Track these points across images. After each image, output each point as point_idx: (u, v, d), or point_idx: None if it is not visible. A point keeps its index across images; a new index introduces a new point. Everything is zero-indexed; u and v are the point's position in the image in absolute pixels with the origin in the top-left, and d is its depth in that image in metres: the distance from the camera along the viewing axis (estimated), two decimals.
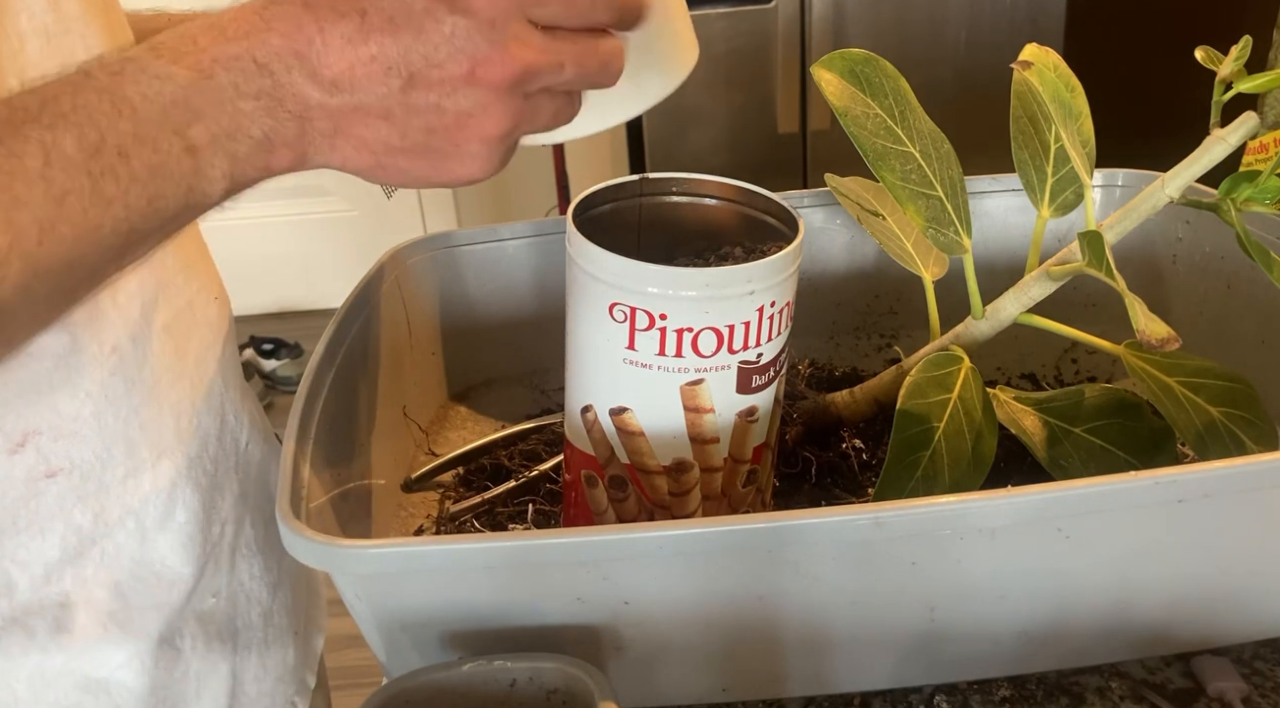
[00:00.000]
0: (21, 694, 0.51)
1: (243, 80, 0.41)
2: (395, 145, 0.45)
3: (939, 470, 0.56)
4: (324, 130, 0.43)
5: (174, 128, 0.40)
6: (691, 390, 0.54)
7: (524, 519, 0.67)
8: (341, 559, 0.48)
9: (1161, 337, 0.50)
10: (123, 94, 0.39)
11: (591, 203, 0.57)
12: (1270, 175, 0.55)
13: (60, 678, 0.52)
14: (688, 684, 0.57)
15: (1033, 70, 0.59)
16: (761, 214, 0.59)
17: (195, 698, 0.58)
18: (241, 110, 0.41)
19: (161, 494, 0.55)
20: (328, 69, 0.42)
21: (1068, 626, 0.56)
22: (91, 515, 0.52)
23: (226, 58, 0.41)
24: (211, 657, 0.59)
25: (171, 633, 0.56)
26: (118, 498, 0.53)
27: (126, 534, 0.53)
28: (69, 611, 0.52)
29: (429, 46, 0.43)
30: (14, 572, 0.50)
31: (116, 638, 0.54)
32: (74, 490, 0.51)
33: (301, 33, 0.42)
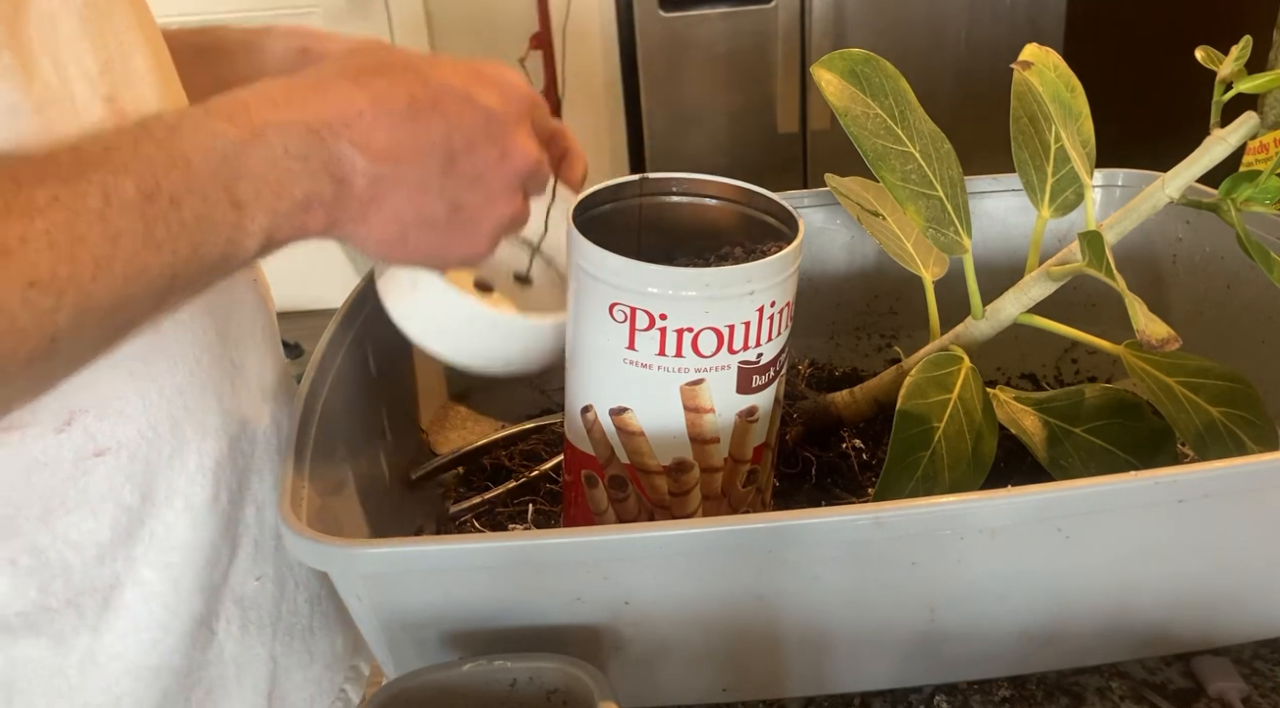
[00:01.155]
0: (74, 680, 0.52)
1: (292, 142, 0.44)
2: (425, 218, 0.49)
3: (939, 471, 0.56)
4: (361, 197, 0.46)
5: (223, 182, 0.42)
6: (691, 390, 0.54)
7: (524, 519, 0.67)
8: (341, 559, 0.48)
9: (1161, 337, 0.50)
10: (179, 148, 0.41)
11: (591, 203, 0.57)
12: (1270, 175, 0.55)
13: (111, 663, 0.53)
14: (688, 684, 0.57)
15: (1033, 70, 0.59)
16: (761, 214, 0.59)
17: (236, 683, 0.59)
18: (288, 170, 0.44)
19: (206, 474, 0.55)
20: (375, 141, 0.46)
21: (1068, 626, 0.56)
22: (140, 495, 0.53)
23: (278, 122, 0.44)
24: (248, 641, 0.59)
25: (209, 615, 0.57)
26: (164, 478, 0.54)
27: (175, 514, 0.54)
28: (119, 592, 0.53)
29: (467, 131, 0.48)
30: (68, 554, 0.51)
31: (164, 621, 0.54)
32: (121, 470, 0.52)
33: (352, 105, 0.46)
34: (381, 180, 0.47)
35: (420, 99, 0.47)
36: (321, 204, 0.45)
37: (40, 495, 0.50)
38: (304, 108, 0.45)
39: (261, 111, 0.44)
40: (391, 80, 0.47)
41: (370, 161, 0.46)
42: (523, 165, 0.51)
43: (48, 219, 0.38)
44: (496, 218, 0.51)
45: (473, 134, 0.48)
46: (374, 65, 0.48)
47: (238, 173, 0.43)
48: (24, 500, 0.49)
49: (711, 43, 2.29)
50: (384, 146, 0.46)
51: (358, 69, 0.47)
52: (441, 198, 0.49)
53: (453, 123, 0.48)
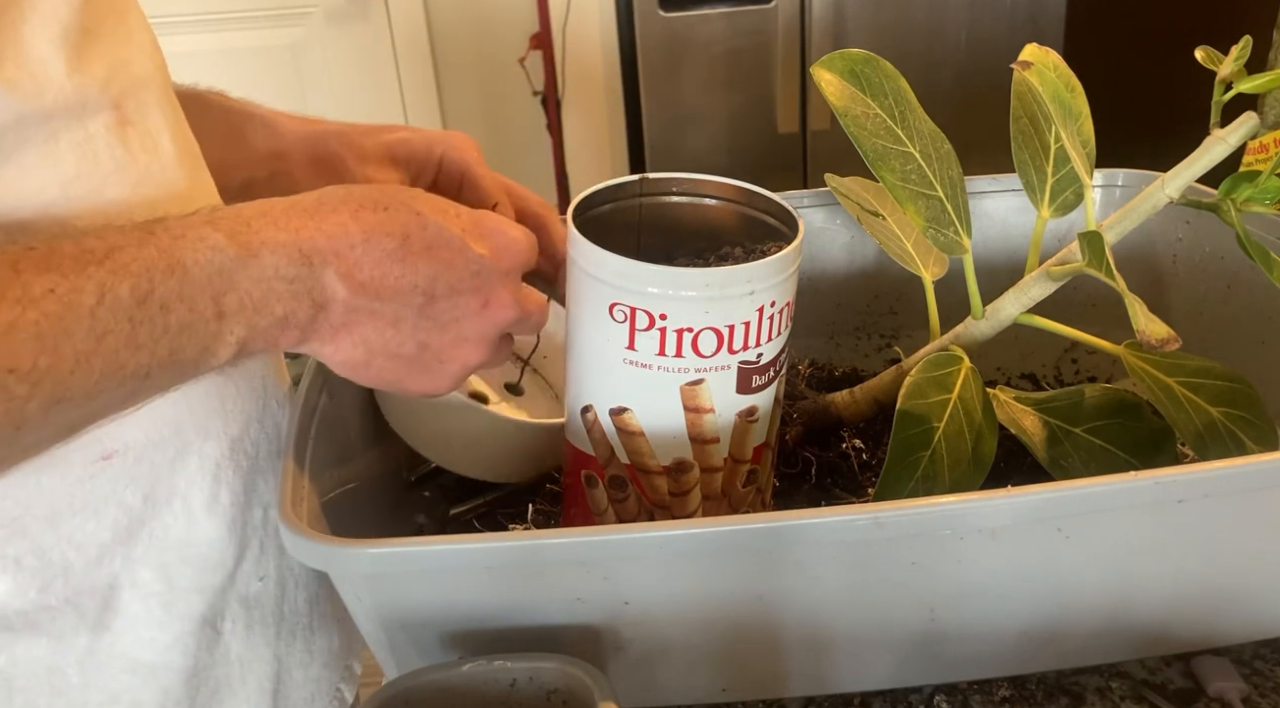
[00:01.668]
0: (73, 679, 0.52)
1: (284, 264, 0.46)
2: (391, 351, 0.50)
3: (939, 471, 0.56)
4: (335, 323, 0.48)
5: (212, 294, 0.44)
6: (691, 390, 0.54)
7: (524, 519, 0.67)
8: (341, 559, 0.48)
9: (1161, 337, 0.50)
10: (179, 256, 0.43)
11: (591, 203, 0.57)
12: (1270, 175, 0.55)
13: (110, 661, 0.53)
14: (688, 684, 0.57)
15: (1033, 70, 0.59)
16: (761, 214, 0.59)
17: (240, 683, 0.59)
18: (273, 290, 0.46)
19: (207, 476, 0.56)
20: (360, 273, 0.47)
21: (1068, 626, 0.56)
22: (141, 497, 0.53)
23: (274, 243, 0.46)
24: (253, 640, 0.60)
25: (214, 616, 0.57)
26: (166, 480, 0.54)
27: (174, 516, 0.54)
28: (117, 592, 0.53)
29: (455, 276, 0.50)
30: (70, 554, 0.51)
31: (161, 620, 0.55)
32: (126, 472, 0.52)
33: (346, 238, 0.47)
34: (358, 311, 0.48)
35: (414, 240, 0.49)
36: (297, 324, 0.47)
37: (48, 497, 0.50)
38: (300, 232, 0.46)
39: (261, 230, 0.46)
40: (390, 216, 0.48)
41: (351, 293, 0.48)
42: (502, 319, 0.52)
43: (40, 310, 0.39)
44: (463, 361, 0.52)
45: (458, 281, 0.50)
46: (377, 198, 0.49)
47: (228, 286, 0.44)
48: (32, 501, 0.50)
49: (711, 43, 2.29)
50: (367, 280, 0.48)
51: (360, 199, 0.49)
52: (413, 336, 0.50)
53: (440, 267, 0.49)
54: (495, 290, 0.51)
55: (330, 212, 0.48)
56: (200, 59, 2.55)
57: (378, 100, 2.69)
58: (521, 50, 2.63)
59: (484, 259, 0.50)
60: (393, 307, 0.49)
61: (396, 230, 0.48)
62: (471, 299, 0.51)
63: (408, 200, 0.50)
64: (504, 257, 0.51)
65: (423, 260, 0.49)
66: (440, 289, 0.49)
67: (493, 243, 0.51)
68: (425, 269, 0.49)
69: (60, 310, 0.39)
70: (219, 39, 2.58)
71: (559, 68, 2.64)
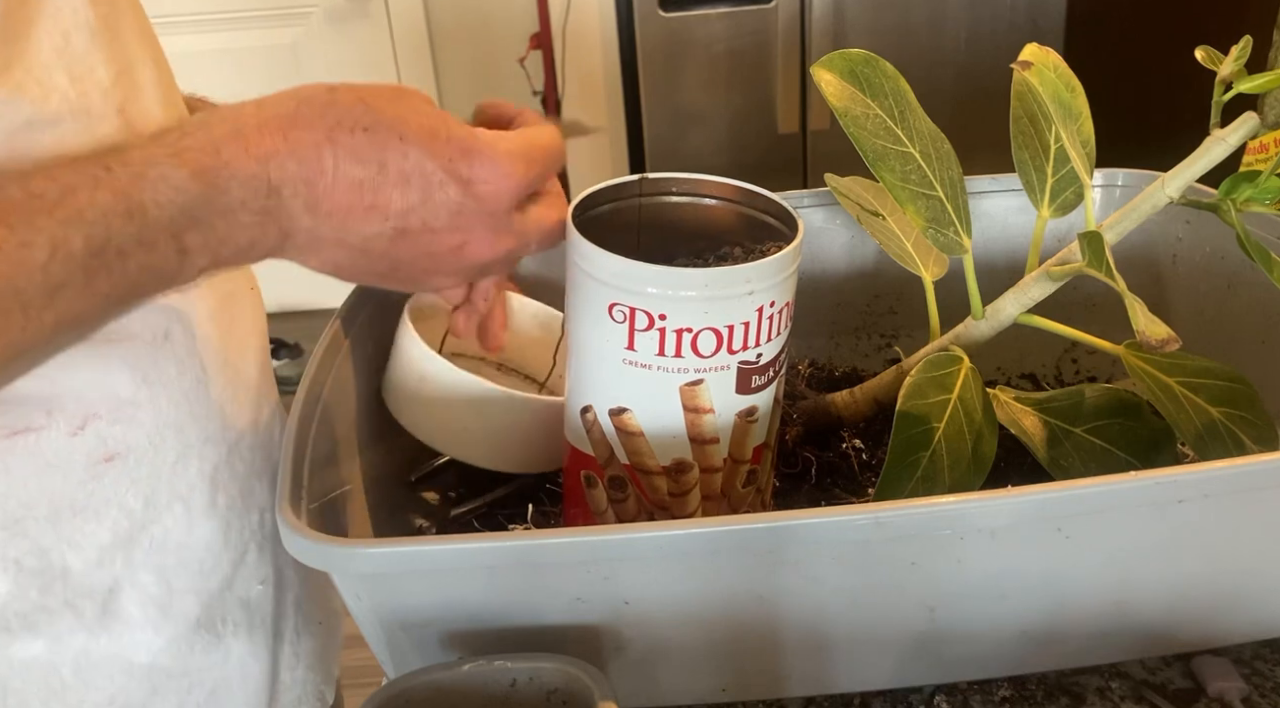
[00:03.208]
0: (68, 679, 0.52)
1: (250, 197, 0.43)
2: (360, 270, 0.49)
3: (939, 471, 0.56)
4: (301, 245, 0.46)
5: (173, 232, 0.41)
6: (691, 391, 0.54)
7: (524, 520, 0.67)
8: (341, 559, 0.48)
9: (1161, 337, 0.50)
10: (138, 199, 0.40)
11: (591, 203, 0.57)
12: (1270, 175, 0.55)
13: (105, 662, 0.53)
14: (688, 684, 0.57)
15: (1033, 70, 0.59)
16: (761, 214, 0.59)
17: (239, 685, 0.59)
18: (239, 221, 0.43)
19: (205, 480, 0.56)
20: (328, 202, 0.45)
21: (1068, 626, 0.56)
22: (143, 500, 0.53)
23: (244, 175, 0.43)
24: (254, 644, 0.60)
25: (212, 619, 0.57)
26: (167, 483, 0.54)
27: (174, 519, 0.54)
28: (115, 594, 0.53)
29: (429, 212, 0.47)
30: (70, 556, 0.51)
31: (157, 622, 0.55)
32: (128, 475, 0.52)
33: (319, 163, 0.44)
34: (324, 239, 0.46)
35: (390, 169, 0.45)
36: (263, 250, 0.46)
37: (50, 498, 0.50)
38: (271, 159, 0.44)
39: (231, 160, 0.43)
40: (369, 139, 0.45)
41: (315, 221, 0.45)
42: (480, 259, 0.50)
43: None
44: (442, 283, 0.51)
45: (432, 219, 0.47)
46: (359, 116, 0.46)
47: (191, 224, 0.42)
48: (34, 502, 0.50)
49: (711, 43, 2.29)
50: (334, 210, 0.45)
51: (340, 116, 0.45)
52: (381, 260, 0.48)
53: (415, 201, 0.46)
54: (475, 231, 0.48)
55: (305, 127, 0.44)
56: (200, 59, 2.56)
57: None
58: (521, 50, 2.63)
59: (465, 199, 0.47)
60: (361, 236, 0.46)
61: (372, 157, 0.45)
62: (447, 237, 0.48)
63: (393, 120, 0.46)
64: (491, 197, 0.48)
65: (396, 192, 0.46)
66: (413, 224, 0.47)
67: (482, 177, 0.47)
68: (398, 202, 0.46)
69: (9, 270, 0.37)
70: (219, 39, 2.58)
71: (559, 68, 2.65)
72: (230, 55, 2.58)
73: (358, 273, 0.49)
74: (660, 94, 2.34)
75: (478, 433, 0.65)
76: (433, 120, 0.47)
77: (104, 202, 0.40)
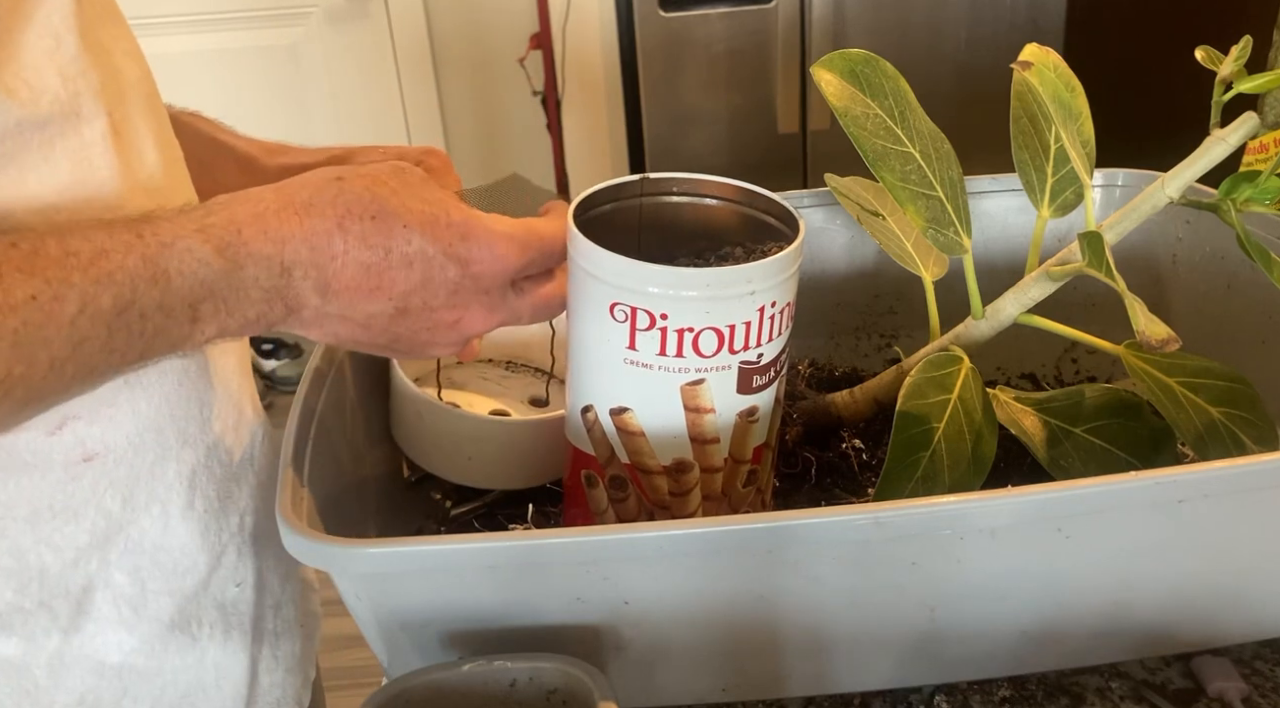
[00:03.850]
0: (41, 680, 0.52)
1: (264, 275, 0.46)
2: (360, 342, 0.52)
3: (939, 471, 0.56)
4: (306, 320, 0.50)
5: (190, 301, 0.44)
6: (692, 390, 0.54)
7: (524, 520, 0.67)
8: (341, 559, 0.48)
9: (1161, 338, 0.50)
10: (164, 267, 0.44)
11: (592, 203, 0.57)
12: (1270, 175, 0.55)
13: (77, 663, 0.53)
14: (688, 684, 0.57)
15: (1033, 70, 0.59)
16: (762, 214, 0.59)
17: (215, 687, 0.59)
18: (249, 296, 0.46)
19: (184, 481, 0.56)
20: (336, 283, 0.48)
21: (1068, 626, 0.56)
22: (121, 501, 0.53)
23: (260, 255, 0.46)
24: (231, 646, 0.60)
25: (186, 620, 0.57)
26: (145, 485, 0.54)
27: (151, 520, 0.55)
28: (90, 594, 0.53)
29: (430, 293, 0.50)
30: (47, 557, 0.51)
31: (131, 622, 0.55)
32: (107, 476, 0.52)
33: (328, 249, 0.48)
34: (328, 316, 0.49)
35: (394, 254, 0.49)
36: (268, 322, 0.48)
37: (28, 498, 0.50)
38: (287, 243, 0.47)
39: (251, 241, 0.46)
40: (376, 226, 0.48)
41: (323, 300, 0.48)
42: (474, 331, 0.53)
43: (20, 317, 0.39)
44: (432, 354, 0.54)
45: (432, 298, 0.50)
46: (368, 204, 0.49)
47: (207, 294, 0.45)
48: (13, 502, 0.50)
49: (711, 43, 2.29)
50: (341, 290, 0.48)
51: (350, 204, 0.48)
52: (381, 334, 0.51)
53: (416, 284, 0.49)
54: (471, 307, 0.52)
55: (319, 216, 0.48)
56: (200, 59, 2.56)
57: (377, 100, 2.69)
58: (521, 50, 2.63)
59: (463, 279, 0.51)
60: (364, 313, 0.49)
61: (379, 243, 0.48)
62: (444, 314, 0.51)
63: (398, 208, 0.49)
64: (486, 275, 0.51)
65: (400, 274, 0.49)
66: (414, 304, 0.50)
67: (478, 257, 0.51)
68: (401, 284, 0.49)
69: (41, 319, 0.40)
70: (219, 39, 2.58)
71: (559, 68, 2.64)
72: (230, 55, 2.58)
73: (357, 344, 0.52)
74: (660, 94, 2.34)
75: (481, 460, 0.67)
76: (433, 206, 0.51)
77: (133, 266, 0.43)
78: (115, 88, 0.51)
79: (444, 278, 0.50)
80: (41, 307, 0.40)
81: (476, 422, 0.65)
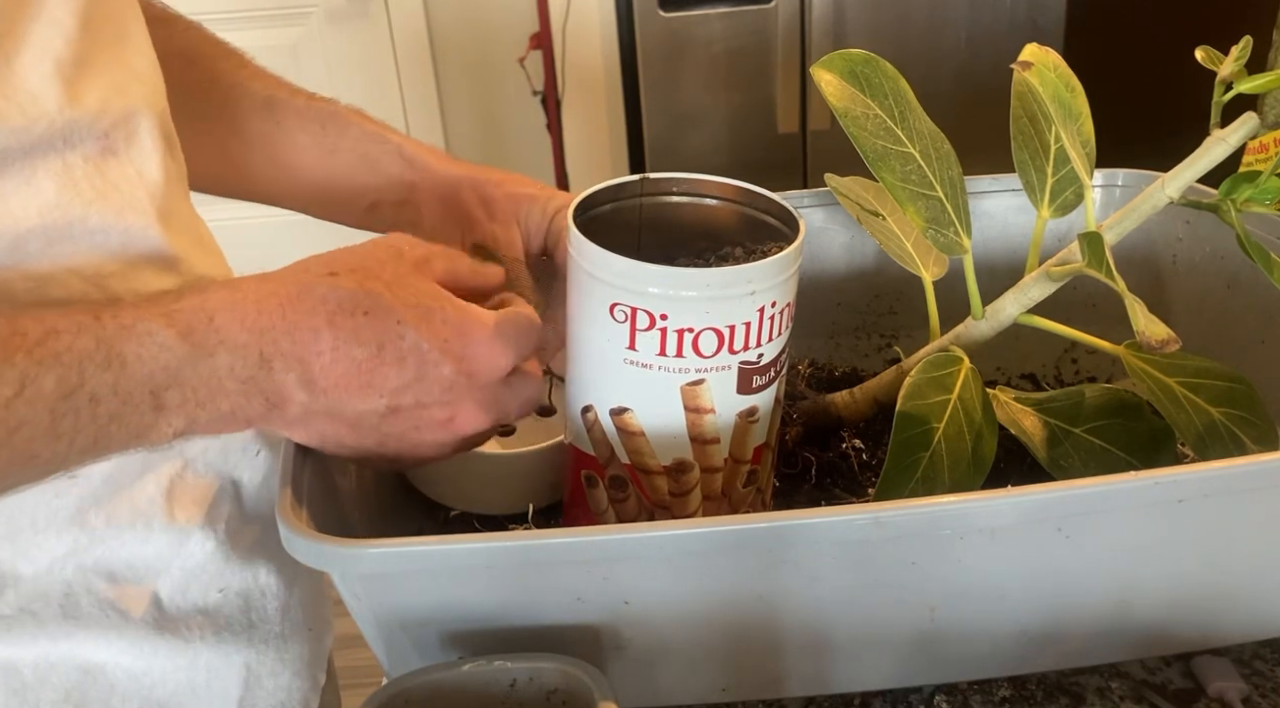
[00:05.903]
0: (28, 679, 0.52)
1: (239, 366, 0.44)
2: (347, 445, 0.50)
3: (939, 472, 0.56)
4: (291, 418, 0.47)
5: (152, 388, 0.42)
6: (692, 391, 0.54)
7: (524, 520, 0.67)
8: (341, 559, 0.48)
9: (1161, 338, 0.50)
10: (119, 349, 0.41)
11: (592, 202, 0.57)
12: (1270, 176, 0.55)
13: (63, 662, 0.53)
14: (688, 684, 0.57)
15: (1033, 70, 0.59)
16: (762, 215, 0.59)
17: (205, 688, 0.59)
18: (223, 387, 0.44)
19: (162, 493, 0.55)
20: (323, 379, 0.46)
21: (1068, 626, 0.56)
22: (104, 518, 0.53)
23: (234, 343, 0.44)
24: (223, 648, 0.59)
25: (175, 624, 0.57)
26: (127, 499, 0.54)
27: (134, 533, 0.54)
28: (73, 599, 0.53)
29: (422, 390, 0.48)
30: (21, 565, 0.51)
31: (118, 624, 0.54)
32: (92, 493, 0.52)
33: (315, 346, 0.46)
34: (315, 413, 0.48)
35: (387, 351, 0.48)
36: (246, 418, 0.46)
37: (9, 515, 0.50)
38: (265, 334, 0.45)
39: (224, 328, 0.44)
40: (368, 323, 0.47)
41: (310, 397, 0.47)
42: (467, 431, 0.52)
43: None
44: (423, 457, 0.52)
45: (424, 396, 0.49)
46: (360, 300, 0.47)
47: (171, 382, 0.43)
48: None
49: (711, 43, 2.29)
50: (329, 388, 0.47)
51: (341, 301, 0.47)
52: (371, 436, 0.50)
53: (409, 381, 0.48)
54: (463, 406, 0.50)
55: (306, 312, 0.46)
56: None
57: (377, 100, 2.69)
58: (521, 50, 2.63)
59: (458, 376, 0.50)
60: (353, 411, 0.48)
61: (370, 340, 0.47)
62: (437, 413, 0.50)
63: (392, 303, 0.48)
64: (483, 373, 0.50)
65: (392, 372, 0.48)
66: (406, 402, 0.49)
67: (474, 354, 0.50)
68: (393, 381, 0.48)
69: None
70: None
71: (559, 68, 2.64)
72: None
73: (344, 447, 0.50)
74: (660, 94, 2.34)
75: (485, 491, 0.67)
76: (428, 300, 0.50)
77: (83, 347, 0.41)
78: (118, 109, 0.50)
79: (438, 374, 0.49)
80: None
81: (478, 457, 0.65)
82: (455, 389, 0.50)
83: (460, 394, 0.50)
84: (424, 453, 0.52)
